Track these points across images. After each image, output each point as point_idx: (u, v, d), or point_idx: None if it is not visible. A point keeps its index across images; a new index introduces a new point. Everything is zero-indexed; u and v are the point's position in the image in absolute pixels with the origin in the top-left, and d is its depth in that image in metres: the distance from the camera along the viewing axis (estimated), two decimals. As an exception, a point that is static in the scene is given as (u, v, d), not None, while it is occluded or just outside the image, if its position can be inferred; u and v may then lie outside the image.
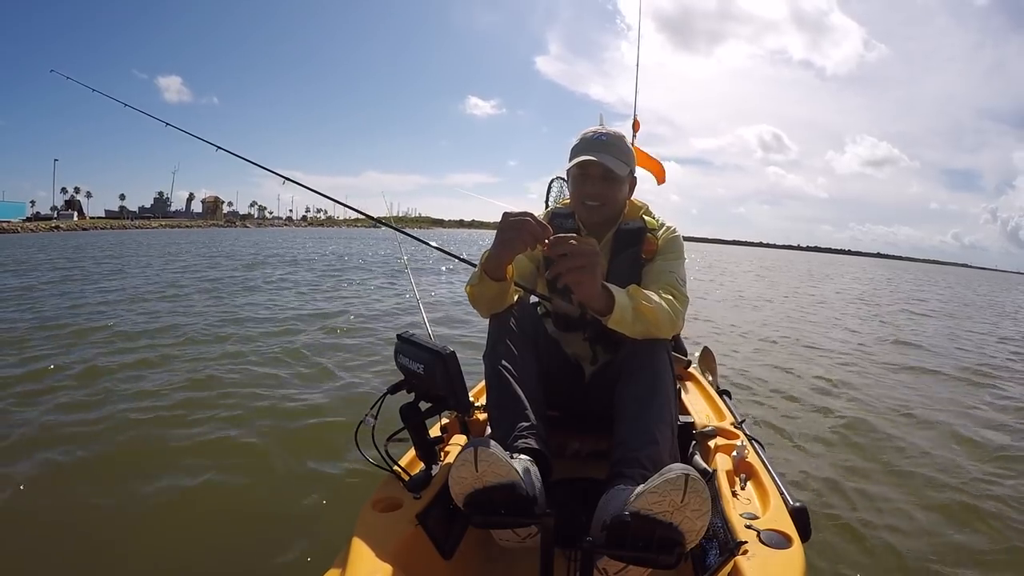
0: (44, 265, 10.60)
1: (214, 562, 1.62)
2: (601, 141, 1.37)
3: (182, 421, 2.60)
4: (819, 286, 15.77)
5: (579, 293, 1.07)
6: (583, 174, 1.39)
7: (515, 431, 1.14)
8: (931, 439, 2.91)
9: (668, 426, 1.14)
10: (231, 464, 2.19)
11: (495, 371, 1.24)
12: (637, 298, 1.15)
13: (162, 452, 2.28)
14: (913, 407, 3.50)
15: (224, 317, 5.42)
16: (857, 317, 8.69)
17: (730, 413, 1.70)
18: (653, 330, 1.18)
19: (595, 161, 1.33)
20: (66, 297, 6.37)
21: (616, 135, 1.40)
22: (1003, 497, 2.24)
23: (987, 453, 2.76)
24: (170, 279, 8.70)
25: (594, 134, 1.39)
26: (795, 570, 0.86)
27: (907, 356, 5.45)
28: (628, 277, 1.33)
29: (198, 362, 3.64)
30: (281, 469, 2.17)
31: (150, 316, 5.34)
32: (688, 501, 0.83)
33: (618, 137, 1.40)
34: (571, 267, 1.02)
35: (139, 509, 1.86)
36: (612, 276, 1.38)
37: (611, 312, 1.11)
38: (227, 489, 2.02)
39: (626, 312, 1.13)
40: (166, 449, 2.31)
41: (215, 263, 12.33)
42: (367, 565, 0.87)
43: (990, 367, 5.15)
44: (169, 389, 3.04)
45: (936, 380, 4.45)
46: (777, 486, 1.15)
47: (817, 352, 5.25)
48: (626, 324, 1.14)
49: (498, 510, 0.95)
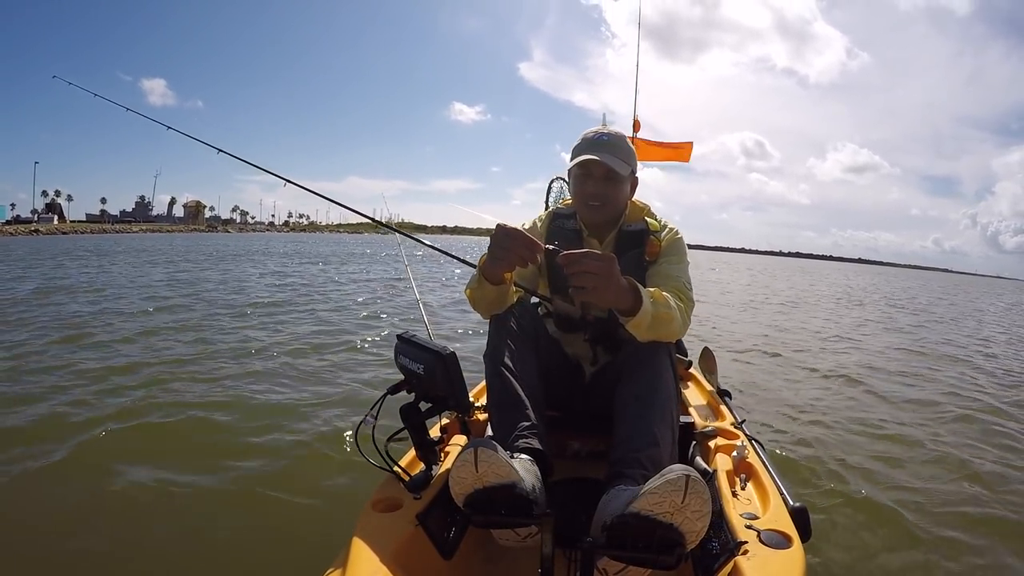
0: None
1: (214, 562, 1.62)
2: (603, 141, 1.36)
3: (181, 421, 2.60)
4: (810, 288, 15.79)
5: (600, 302, 1.05)
6: (585, 174, 1.38)
7: (516, 431, 1.14)
8: (932, 439, 2.91)
9: (669, 427, 1.13)
10: (231, 464, 2.19)
11: (496, 371, 1.24)
12: (659, 305, 1.14)
13: (161, 452, 2.27)
14: (914, 407, 3.50)
15: (219, 312, 5.42)
16: (851, 317, 8.70)
17: (730, 413, 1.70)
18: (663, 336, 1.18)
19: (597, 160, 1.32)
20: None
21: (618, 135, 1.40)
22: (1005, 496, 2.24)
23: (988, 453, 2.76)
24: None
25: (596, 134, 1.38)
26: (795, 570, 0.86)
27: (907, 355, 5.45)
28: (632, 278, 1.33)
29: (197, 361, 3.64)
30: (281, 469, 2.17)
31: (150, 316, 5.34)
32: (689, 502, 0.82)
33: (620, 137, 1.40)
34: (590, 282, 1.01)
35: (139, 508, 1.86)
36: None
37: (634, 315, 1.10)
38: (227, 489, 2.01)
39: (646, 317, 1.11)
40: (165, 449, 2.31)
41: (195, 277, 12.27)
42: (367, 565, 0.87)
43: (989, 367, 5.16)
44: (165, 389, 3.04)
45: (937, 379, 4.46)
46: (777, 486, 1.14)
47: (818, 351, 5.25)
48: (642, 329, 1.12)
49: (498, 510, 0.95)
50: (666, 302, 1.16)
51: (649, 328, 1.13)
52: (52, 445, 2.27)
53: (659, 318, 1.13)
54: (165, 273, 10.03)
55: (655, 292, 1.16)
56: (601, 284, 1.01)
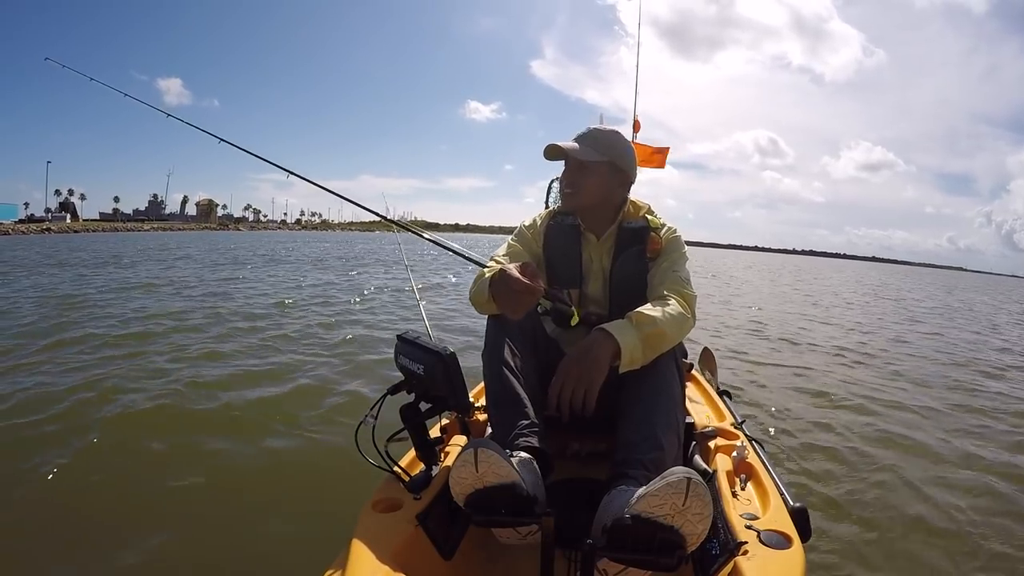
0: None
1: (214, 562, 1.62)
2: (583, 134, 1.40)
3: (180, 421, 2.60)
4: (815, 286, 15.79)
5: (597, 380, 1.11)
6: (565, 166, 1.43)
7: (515, 429, 1.14)
8: (933, 439, 2.91)
9: (674, 431, 1.13)
10: (230, 464, 2.19)
11: (494, 369, 1.23)
12: (643, 327, 1.15)
13: (160, 452, 2.28)
14: (914, 407, 3.50)
15: (222, 313, 5.42)
16: (856, 317, 8.69)
17: (730, 413, 1.70)
18: (666, 346, 1.19)
19: (557, 146, 1.37)
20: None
21: (604, 131, 1.41)
22: (1007, 497, 2.24)
23: (990, 453, 2.75)
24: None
25: (584, 129, 1.42)
26: (795, 570, 0.86)
27: (908, 354, 5.45)
28: (634, 274, 1.39)
29: (196, 363, 3.64)
30: (281, 469, 2.17)
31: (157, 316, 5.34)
32: (690, 504, 0.82)
33: (604, 132, 1.41)
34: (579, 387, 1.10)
35: (138, 508, 1.86)
36: (619, 273, 1.41)
37: (621, 359, 1.12)
38: (226, 489, 2.02)
39: (635, 351, 1.13)
40: (164, 449, 2.30)
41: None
42: (367, 565, 0.87)
43: (992, 368, 5.15)
44: (162, 389, 3.04)
45: (936, 378, 4.46)
46: (777, 486, 1.14)
47: (818, 351, 5.25)
48: (638, 360, 1.14)
49: (499, 509, 0.95)
50: (648, 319, 1.16)
51: (645, 354, 1.15)
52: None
53: (650, 339, 1.15)
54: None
55: (636, 315, 1.17)
56: (585, 378, 1.10)
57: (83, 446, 2.28)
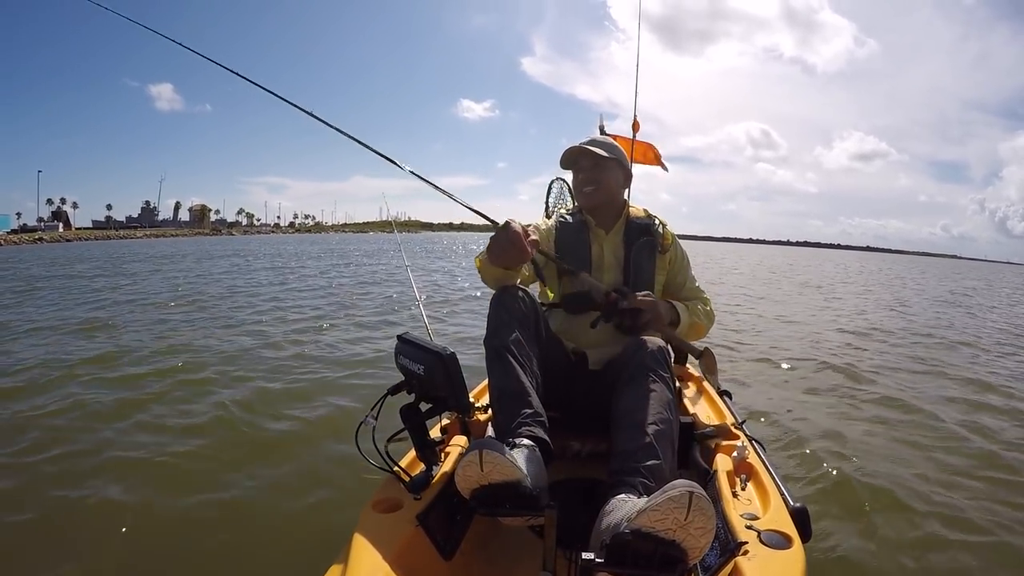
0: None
1: (214, 563, 1.62)
2: (587, 141, 1.58)
3: (180, 421, 2.60)
4: (815, 277, 15.77)
5: (656, 327, 1.43)
6: (576, 168, 1.58)
7: (519, 418, 1.13)
8: (933, 438, 2.90)
9: (668, 439, 1.13)
10: (230, 464, 2.19)
11: (497, 356, 1.22)
12: (693, 315, 1.57)
13: (158, 451, 2.28)
14: (915, 405, 3.48)
15: (217, 323, 5.42)
16: (856, 311, 8.67)
17: (730, 413, 1.69)
18: (696, 338, 1.59)
19: (579, 148, 1.53)
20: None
21: (600, 137, 1.66)
22: (1008, 497, 2.24)
23: (991, 453, 2.74)
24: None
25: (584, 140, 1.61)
26: (795, 570, 0.86)
27: (908, 353, 5.44)
28: (647, 264, 1.56)
29: (195, 361, 3.64)
30: (281, 470, 2.17)
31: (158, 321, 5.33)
32: (692, 519, 0.80)
33: (601, 137, 1.65)
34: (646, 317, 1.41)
35: (137, 508, 1.86)
36: (632, 263, 1.55)
37: (676, 326, 1.52)
38: (226, 489, 2.02)
39: (684, 329, 1.54)
40: (162, 449, 2.31)
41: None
42: (367, 565, 0.87)
43: (999, 370, 5.14)
44: (161, 390, 3.04)
45: (937, 378, 4.44)
46: (777, 486, 1.14)
47: (820, 350, 5.24)
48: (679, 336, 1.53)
49: (503, 504, 0.96)
50: (698, 314, 1.57)
51: (688, 335, 1.56)
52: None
53: (694, 327, 1.57)
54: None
55: (690, 306, 1.58)
56: (655, 316, 1.42)
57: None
